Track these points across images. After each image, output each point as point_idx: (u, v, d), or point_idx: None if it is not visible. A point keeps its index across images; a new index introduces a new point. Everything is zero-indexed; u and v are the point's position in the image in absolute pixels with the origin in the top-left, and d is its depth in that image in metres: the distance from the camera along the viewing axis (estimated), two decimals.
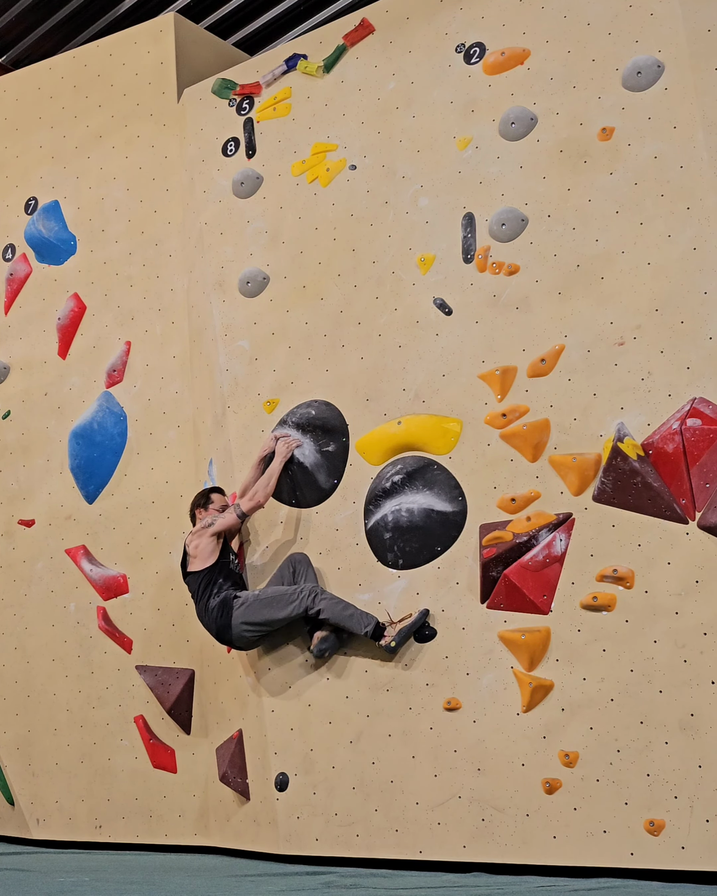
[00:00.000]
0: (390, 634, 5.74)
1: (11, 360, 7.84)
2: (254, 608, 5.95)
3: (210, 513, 6.30)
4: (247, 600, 5.98)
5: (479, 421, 5.83)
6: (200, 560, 6.15)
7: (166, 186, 7.40)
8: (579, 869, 5.19)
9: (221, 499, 6.41)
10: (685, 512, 5.19)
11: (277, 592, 5.95)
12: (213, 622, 6.03)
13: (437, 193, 6.18)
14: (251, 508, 6.18)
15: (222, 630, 6.00)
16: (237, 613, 5.95)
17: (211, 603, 6.03)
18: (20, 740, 7.37)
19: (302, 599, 5.86)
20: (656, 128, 5.56)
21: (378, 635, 5.75)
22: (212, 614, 6.02)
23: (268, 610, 5.92)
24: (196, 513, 6.38)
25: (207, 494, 6.41)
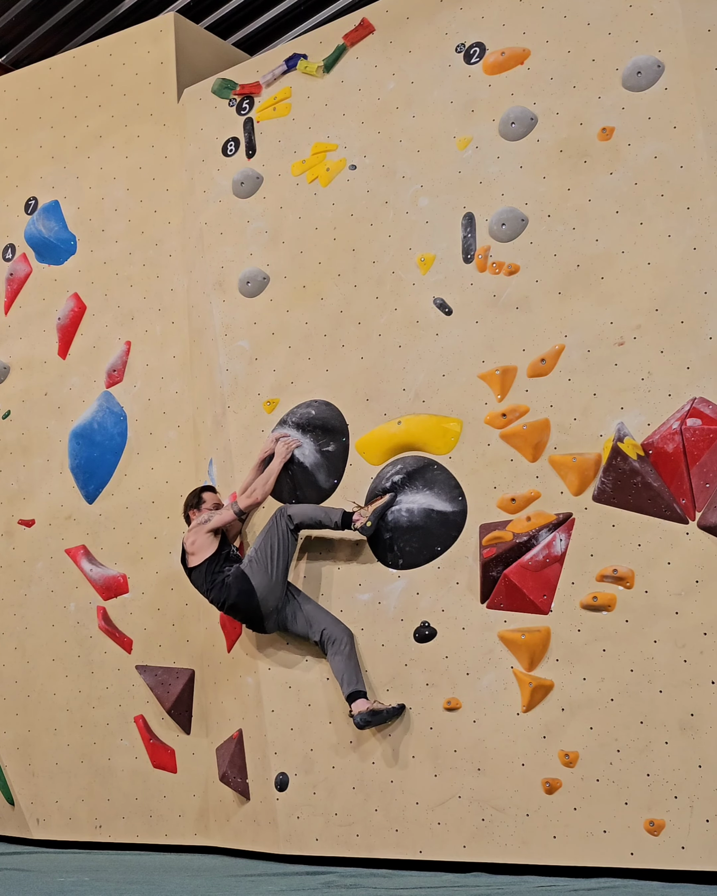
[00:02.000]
0: (363, 516, 5.84)
1: (11, 360, 7.84)
2: (258, 558, 6.00)
3: (204, 512, 6.32)
4: (249, 559, 6.05)
5: (479, 421, 5.83)
6: (199, 555, 6.17)
7: (166, 186, 7.40)
8: (579, 869, 5.19)
9: (214, 497, 6.44)
10: (685, 512, 5.19)
11: (262, 534, 6.07)
12: (236, 595, 5.99)
13: (437, 193, 6.18)
14: (249, 506, 6.19)
15: (248, 596, 5.96)
16: (250, 573, 5.98)
17: (227, 581, 6.03)
18: (20, 740, 7.37)
19: (277, 521, 6.01)
20: (656, 128, 5.56)
21: (348, 522, 5.87)
22: (232, 589, 6.00)
23: (265, 550, 5.99)
24: (190, 514, 6.41)
25: (198, 494, 6.44)
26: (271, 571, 5.98)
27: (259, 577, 5.97)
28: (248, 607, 6.01)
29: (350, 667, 5.84)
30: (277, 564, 5.99)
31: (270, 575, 5.97)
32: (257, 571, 5.98)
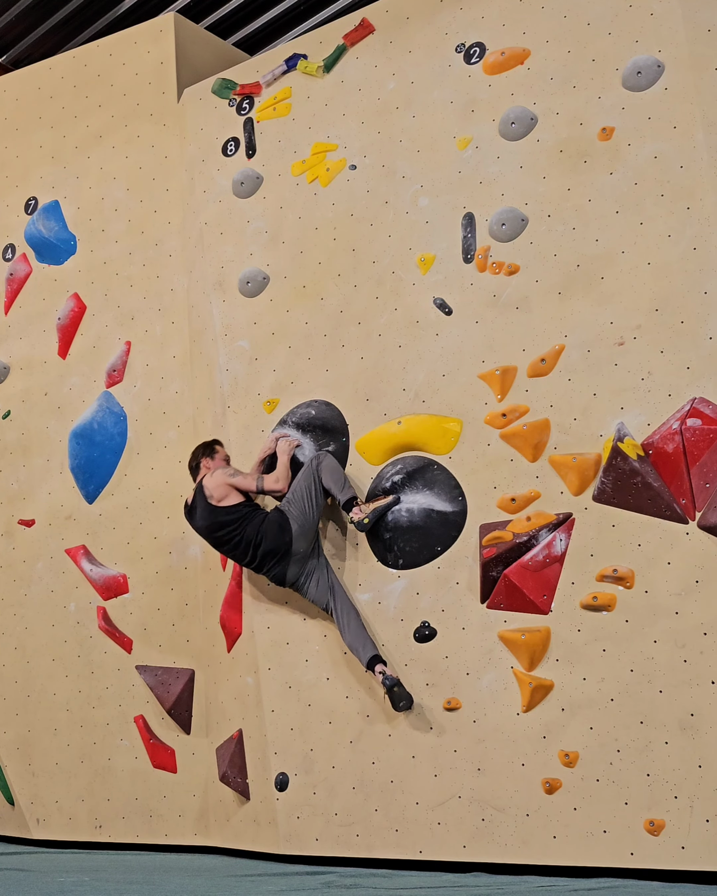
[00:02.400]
0: (363, 511, 5.87)
1: (11, 360, 7.84)
2: (294, 500, 6.03)
3: (217, 462, 6.35)
4: (287, 500, 6.08)
5: (479, 421, 5.83)
6: (230, 497, 6.16)
7: (166, 186, 7.40)
8: (579, 869, 5.19)
9: (223, 451, 6.46)
10: (685, 512, 5.19)
11: (297, 479, 6.10)
12: (274, 536, 5.97)
13: (437, 193, 6.18)
14: (270, 490, 6.17)
15: (284, 537, 5.96)
16: (288, 514, 6.00)
17: (268, 519, 6.03)
18: (20, 740, 7.37)
19: (313, 468, 6.08)
20: (656, 128, 5.56)
21: (348, 507, 5.92)
22: (270, 531, 5.98)
23: (301, 493, 6.02)
24: (202, 462, 6.39)
25: (211, 445, 6.46)
26: (308, 513, 6.01)
27: (296, 518, 5.99)
28: (279, 549, 5.98)
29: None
30: (312, 507, 6.02)
31: (307, 516, 6.01)
32: (295, 513, 6.01)
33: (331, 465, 6.10)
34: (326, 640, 6.08)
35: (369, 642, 5.85)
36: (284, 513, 6.03)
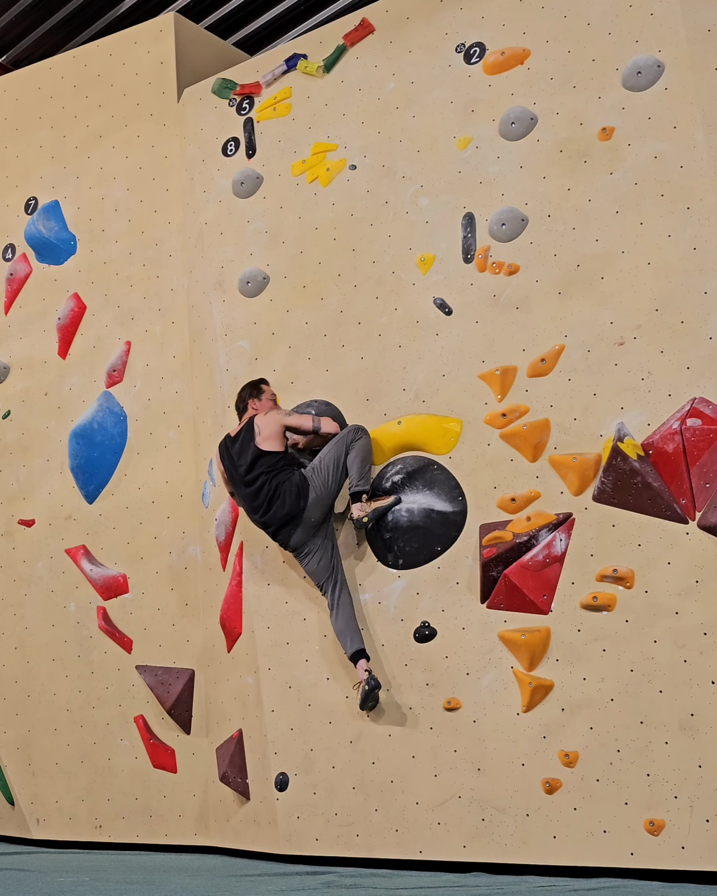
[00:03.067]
0: (364, 510, 5.88)
1: (11, 360, 7.84)
2: (320, 469, 5.99)
3: (264, 402, 6.27)
4: (313, 468, 6.04)
5: (479, 421, 5.83)
6: (274, 441, 6.09)
7: (166, 186, 7.40)
8: (579, 869, 5.19)
9: (270, 389, 6.37)
10: (685, 512, 5.19)
11: (329, 447, 6.03)
12: (292, 500, 5.95)
13: (437, 193, 6.18)
14: (326, 432, 6.10)
15: (301, 501, 5.95)
16: (310, 480, 5.97)
17: (293, 480, 5.99)
18: (20, 740, 7.37)
19: (346, 440, 5.99)
20: (656, 128, 5.56)
21: (355, 499, 5.91)
22: (290, 494, 5.95)
23: (330, 463, 5.97)
24: (249, 402, 6.31)
25: (257, 385, 6.36)
26: (329, 485, 5.98)
27: (316, 488, 5.97)
28: (292, 513, 5.96)
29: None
30: (334, 480, 5.98)
31: (327, 488, 5.98)
32: (316, 482, 5.98)
33: (363, 446, 6.00)
34: (326, 640, 6.08)
35: (358, 634, 5.86)
36: (307, 479, 5.99)
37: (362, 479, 5.96)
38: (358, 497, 5.94)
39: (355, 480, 5.95)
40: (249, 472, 6.08)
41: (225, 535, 6.64)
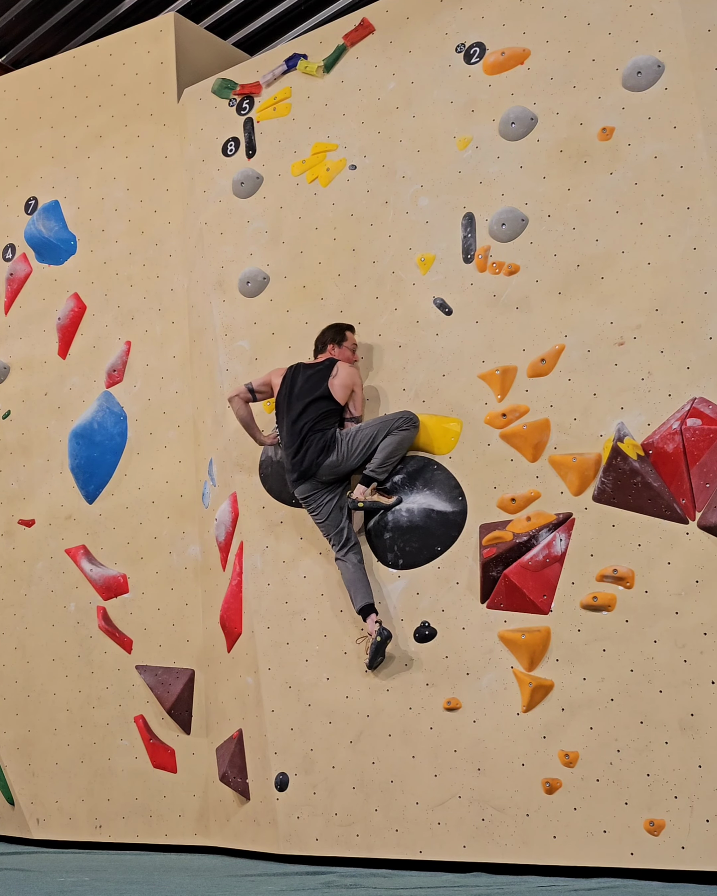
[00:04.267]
0: (365, 496, 5.91)
1: (11, 360, 7.84)
2: (360, 437, 5.97)
3: (344, 351, 6.20)
4: (358, 428, 6.03)
5: (479, 421, 5.83)
6: (342, 392, 6.09)
7: (166, 186, 7.40)
8: (579, 869, 5.19)
9: (354, 339, 6.28)
10: (685, 512, 5.19)
11: (377, 420, 6.01)
12: (316, 443, 5.98)
13: (437, 193, 6.18)
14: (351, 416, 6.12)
15: (321, 451, 5.97)
16: (345, 438, 5.98)
17: (327, 433, 6.00)
18: (20, 740, 7.37)
19: (396, 422, 5.92)
20: (656, 128, 5.56)
21: (365, 482, 5.94)
22: (320, 441, 5.98)
23: (371, 434, 5.94)
24: (329, 347, 6.23)
25: (343, 330, 6.28)
26: (353, 455, 5.97)
27: (341, 452, 5.96)
28: (309, 465, 6.00)
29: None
30: (361, 454, 5.96)
31: (350, 459, 5.97)
32: (343, 448, 5.97)
33: (402, 438, 5.92)
34: (326, 640, 6.08)
35: (366, 589, 5.89)
36: (336, 440, 6.00)
37: (381, 468, 5.94)
38: (368, 482, 5.93)
39: (374, 466, 5.94)
40: (307, 409, 6.08)
41: (225, 535, 6.64)
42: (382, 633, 5.73)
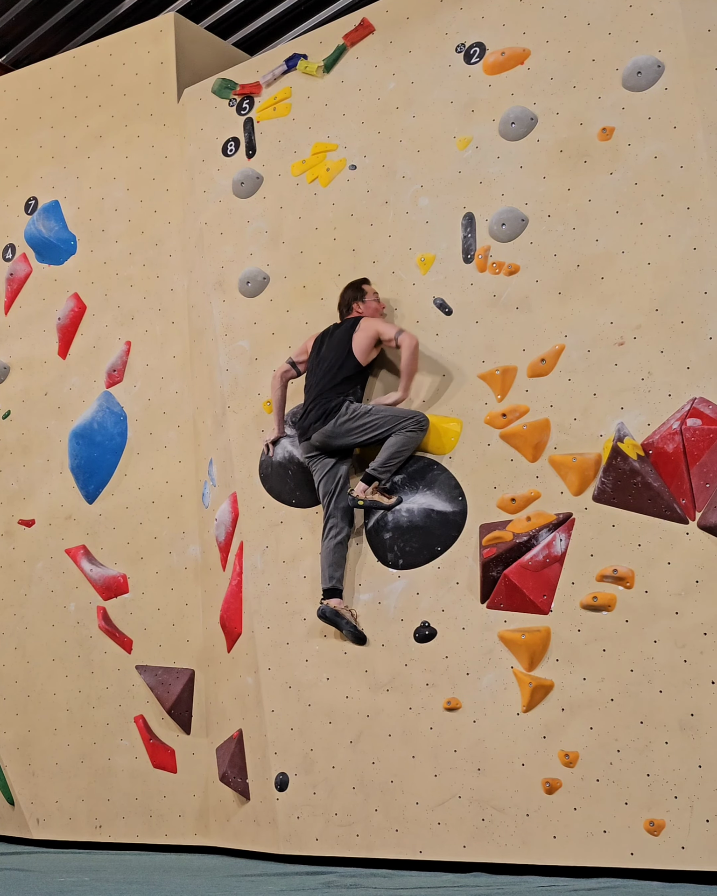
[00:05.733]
0: (366, 494, 5.92)
1: (11, 360, 7.84)
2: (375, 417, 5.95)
3: (369, 305, 6.19)
4: (374, 406, 6.04)
5: (479, 421, 5.83)
6: (363, 352, 6.07)
7: (166, 186, 7.40)
8: (579, 869, 5.19)
9: (372, 289, 6.27)
10: (685, 512, 5.19)
11: (393, 410, 5.98)
12: (329, 404, 6.02)
13: (437, 193, 6.18)
14: (401, 342, 5.97)
15: (329, 413, 6.00)
16: (345, 410, 5.99)
17: (335, 401, 6.01)
18: (20, 740, 7.37)
19: (402, 419, 5.89)
20: (656, 128, 5.56)
21: (366, 480, 5.94)
22: (332, 402, 6.01)
23: (385, 417, 5.92)
24: (354, 306, 6.22)
25: (359, 286, 6.25)
26: (350, 434, 5.98)
27: (340, 423, 5.97)
28: (306, 428, 6.09)
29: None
30: (366, 433, 5.95)
31: (345, 434, 5.98)
32: (345, 422, 5.96)
33: (407, 440, 5.89)
34: (326, 640, 6.08)
35: (333, 570, 5.97)
36: (341, 412, 5.99)
37: (383, 467, 5.92)
38: (369, 481, 5.93)
39: (376, 465, 5.93)
40: (325, 374, 6.09)
41: (225, 535, 6.64)
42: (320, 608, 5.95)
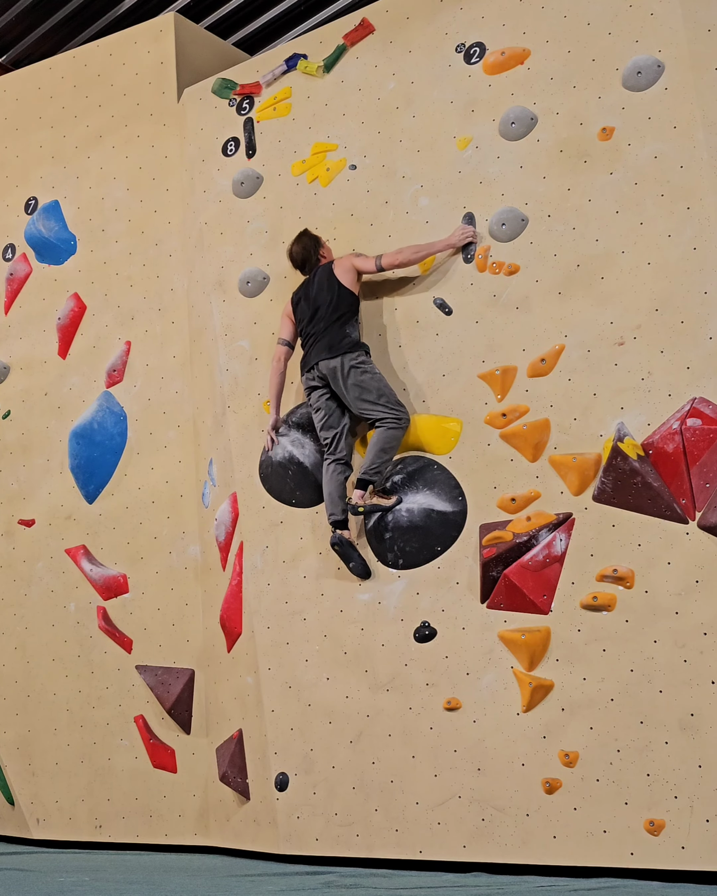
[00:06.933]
0: (365, 500, 5.91)
1: (11, 360, 7.84)
2: (372, 384, 5.99)
3: (326, 248, 6.36)
4: (376, 370, 6.06)
5: (479, 421, 5.83)
6: (351, 283, 6.16)
7: (166, 186, 7.40)
8: (579, 869, 5.19)
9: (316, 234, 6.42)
10: (685, 512, 5.19)
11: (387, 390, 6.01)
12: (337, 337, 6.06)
13: (437, 193, 6.18)
14: (390, 264, 6.07)
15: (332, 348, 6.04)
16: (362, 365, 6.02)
17: (347, 329, 6.07)
18: (20, 740, 7.37)
19: (389, 410, 5.93)
20: (656, 128, 5.56)
21: (361, 486, 5.92)
22: (345, 340, 6.06)
23: (378, 385, 5.98)
24: (320, 254, 6.34)
25: (309, 236, 6.37)
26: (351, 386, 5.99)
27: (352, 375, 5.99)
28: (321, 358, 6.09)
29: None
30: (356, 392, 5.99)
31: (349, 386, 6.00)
32: (356, 374, 5.99)
33: (389, 435, 5.91)
34: (326, 640, 6.08)
35: (332, 504, 5.99)
36: (361, 360, 6.02)
37: (372, 469, 5.91)
38: (364, 486, 5.92)
39: (366, 468, 5.92)
40: (336, 310, 6.12)
41: (225, 535, 6.64)
42: (333, 537, 5.97)
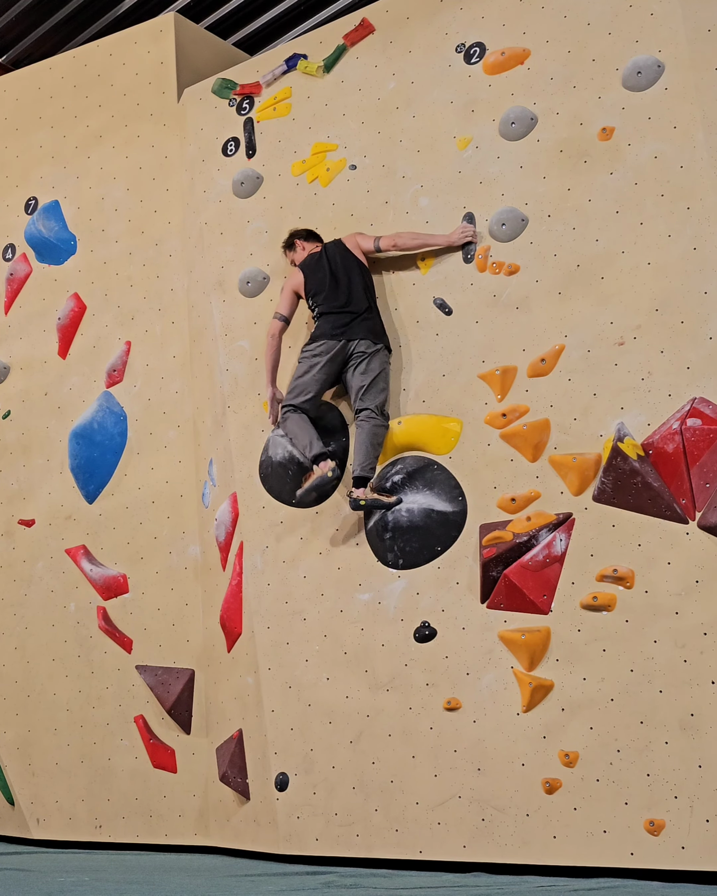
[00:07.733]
0: (365, 495, 5.88)
1: (11, 360, 7.84)
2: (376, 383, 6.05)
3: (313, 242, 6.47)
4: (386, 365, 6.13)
5: (479, 421, 5.83)
6: (362, 258, 6.23)
7: (166, 186, 7.40)
8: (579, 869, 5.19)
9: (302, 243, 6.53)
10: (685, 512, 5.19)
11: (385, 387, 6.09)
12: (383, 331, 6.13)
13: (437, 193, 6.18)
14: (387, 246, 6.15)
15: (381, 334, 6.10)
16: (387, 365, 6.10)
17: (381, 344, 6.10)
18: (20, 740, 7.37)
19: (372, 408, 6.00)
20: (656, 128, 5.56)
21: (358, 484, 5.91)
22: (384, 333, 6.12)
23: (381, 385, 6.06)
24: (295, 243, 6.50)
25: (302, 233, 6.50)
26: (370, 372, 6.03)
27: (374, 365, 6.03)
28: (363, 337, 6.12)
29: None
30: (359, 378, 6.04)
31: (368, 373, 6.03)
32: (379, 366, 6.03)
33: (376, 432, 5.97)
34: (326, 640, 6.08)
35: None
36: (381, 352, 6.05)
37: (367, 465, 5.92)
38: (362, 482, 5.91)
39: (359, 466, 5.92)
40: (367, 289, 6.17)
41: (225, 535, 6.64)
42: (334, 471, 5.97)
